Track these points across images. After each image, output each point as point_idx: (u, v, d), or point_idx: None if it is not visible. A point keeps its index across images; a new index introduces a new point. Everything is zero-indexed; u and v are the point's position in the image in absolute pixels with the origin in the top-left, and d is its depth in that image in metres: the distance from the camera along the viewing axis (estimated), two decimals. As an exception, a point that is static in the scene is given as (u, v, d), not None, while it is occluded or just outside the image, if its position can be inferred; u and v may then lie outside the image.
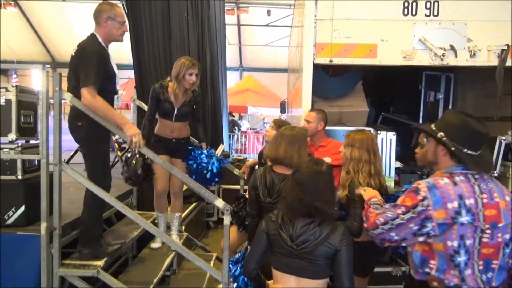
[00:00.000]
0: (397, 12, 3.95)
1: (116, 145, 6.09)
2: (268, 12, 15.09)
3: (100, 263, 2.75)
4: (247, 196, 2.88)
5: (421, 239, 1.75)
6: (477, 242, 1.71)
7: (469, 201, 1.70)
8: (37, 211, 2.82)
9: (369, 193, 2.14)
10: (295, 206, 1.95)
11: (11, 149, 2.78)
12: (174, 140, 3.61)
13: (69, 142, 3.00)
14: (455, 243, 1.69)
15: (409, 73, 4.53)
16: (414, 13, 3.94)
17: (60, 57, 20.41)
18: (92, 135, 2.70)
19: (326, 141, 3.56)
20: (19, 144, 2.82)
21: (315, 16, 3.98)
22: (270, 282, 2.08)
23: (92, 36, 2.79)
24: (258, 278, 2.07)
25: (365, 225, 1.92)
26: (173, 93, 3.52)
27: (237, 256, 2.62)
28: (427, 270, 1.76)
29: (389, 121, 5.76)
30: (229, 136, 11.76)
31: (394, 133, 4.10)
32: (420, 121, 6.45)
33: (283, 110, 11.74)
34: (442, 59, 3.90)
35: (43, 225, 2.58)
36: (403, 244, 1.87)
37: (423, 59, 3.95)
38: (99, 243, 2.87)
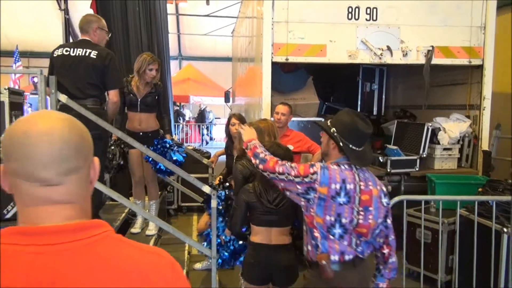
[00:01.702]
0: (343, 17, 4.53)
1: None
2: (207, 2, 15.24)
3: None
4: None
5: (302, 202, 2.06)
6: (354, 222, 1.99)
7: (350, 186, 1.98)
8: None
9: (247, 134, 2.45)
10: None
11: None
12: (141, 133, 3.86)
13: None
14: (332, 218, 1.98)
15: (348, 66, 5.12)
16: (357, 17, 4.54)
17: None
18: (101, 133, 2.99)
19: (289, 131, 4.05)
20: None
21: (272, 18, 4.44)
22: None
23: (93, 42, 3.05)
24: (243, 234, 2.63)
25: (261, 166, 2.15)
26: (135, 86, 3.81)
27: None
28: (314, 241, 2.05)
29: (332, 110, 6.43)
30: (174, 126, 11.95)
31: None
32: (358, 109, 7.24)
33: (227, 100, 12.13)
34: (380, 58, 4.55)
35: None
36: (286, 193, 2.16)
37: (365, 57, 4.58)
38: None
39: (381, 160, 4.69)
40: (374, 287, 2.16)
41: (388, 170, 4.58)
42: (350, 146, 2.02)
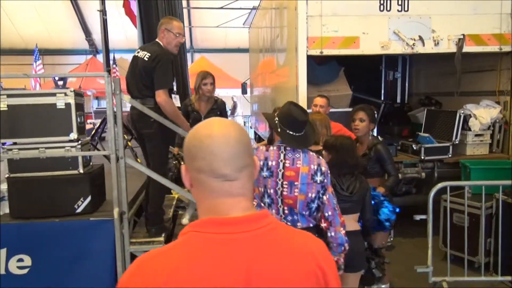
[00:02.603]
0: (375, 8, 4.63)
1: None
2: (220, -7, 15.25)
3: (162, 238, 3.24)
4: None
5: (258, 186, 2.36)
6: (278, 193, 2.31)
7: (271, 163, 2.32)
8: (97, 199, 3.24)
9: None
10: (342, 166, 2.65)
11: (72, 146, 3.13)
12: None
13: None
14: (262, 189, 2.35)
15: (370, 56, 5.20)
16: (388, 9, 4.64)
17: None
18: (160, 132, 3.13)
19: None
20: (80, 142, 3.17)
21: (307, 13, 4.55)
22: None
23: (159, 44, 3.20)
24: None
25: None
26: (197, 103, 4.05)
27: None
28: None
29: (356, 100, 6.54)
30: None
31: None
32: (382, 98, 7.35)
33: (244, 91, 12.24)
34: (412, 48, 4.65)
35: (116, 210, 3.00)
36: None
37: (397, 48, 4.68)
38: (163, 221, 3.35)
39: (414, 148, 4.82)
40: None
41: (422, 157, 4.71)
42: (287, 131, 2.35)
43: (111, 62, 16.15)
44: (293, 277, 0.94)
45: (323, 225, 2.36)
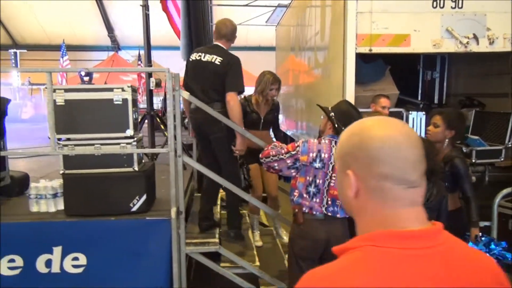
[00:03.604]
0: (427, 5, 4.45)
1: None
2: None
3: (217, 239, 3.15)
4: None
5: (293, 172, 2.60)
6: (326, 184, 2.50)
7: (324, 155, 2.51)
8: (152, 198, 3.15)
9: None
10: None
11: (127, 143, 3.05)
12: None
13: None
14: (310, 178, 2.53)
15: (407, 55, 5.05)
16: (441, 6, 4.46)
17: (22, 40, 19.42)
18: (229, 135, 3.16)
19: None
20: (135, 139, 3.09)
21: (356, 10, 4.40)
22: None
23: (223, 48, 3.19)
24: None
25: (261, 155, 2.72)
26: (257, 104, 3.99)
27: None
28: (292, 197, 2.61)
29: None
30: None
31: (424, 112, 4.68)
32: (419, 98, 7.15)
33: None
34: (466, 47, 4.47)
35: (173, 209, 2.92)
36: (280, 174, 2.78)
37: (449, 46, 4.49)
38: (241, 225, 3.33)
39: (464, 150, 4.64)
40: None
41: (473, 161, 4.52)
42: (343, 128, 2.48)
43: (137, 58, 16.12)
44: None
45: None
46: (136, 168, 3.08)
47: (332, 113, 2.61)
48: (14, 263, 2.88)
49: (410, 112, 4.66)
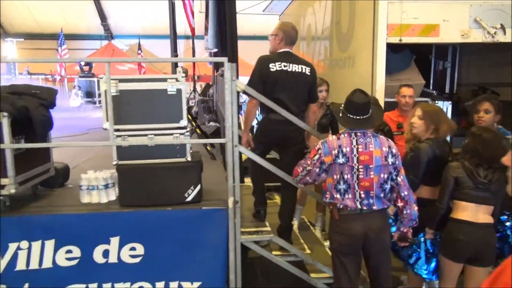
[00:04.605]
0: (456, -5, 4.51)
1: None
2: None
3: (268, 228, 3.19)
4: None
5: (324, 175, 2.56)
6: (355, 177, 2.47)
7: (346, 149, 2.48)
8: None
9: None
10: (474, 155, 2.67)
11: (180, 134, 3.05)
12: None
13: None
14: (338, 176, 2.50)
15: (419, 44, 5.13)
16: (470, -4, 4.52)
17: (12, 28, 18.92)
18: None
19: (414, 112, 4.11)
20: (188, 129, 3.08)
21: (387, -1, 4.43)
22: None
23: (299, 57, 3.29)
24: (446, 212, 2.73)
25: (292, 177, 2.77)
26: None
27: None
28: (324, 199, 2.63)
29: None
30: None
31: (450, 102, 4.76)
32: (430, 88, 7.25)
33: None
34: (493, 37, 4.55)
35: (231, 199, 2.93)
36: (316, 183, 2.77)
37: (477, 37, 4.56)
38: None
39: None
40: (396, 230, 2.68)
41: (498, 149, 4.63)
42: (348, 115, 2.53)
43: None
44: None
45: (400, 204, 2.54)
46: (189, 158, 3.08)
47: (342, 106, 2.60)
48: (71, 253, 2.88)
49: (436, 101, 4.73)
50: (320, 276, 3.22)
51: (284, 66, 3.15)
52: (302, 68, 3.19)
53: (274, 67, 3.13)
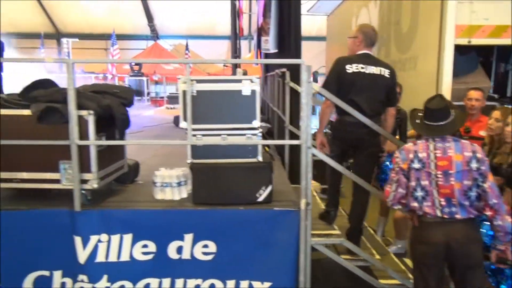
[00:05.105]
0: (529, -6, 4.31)
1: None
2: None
3: (338, 231, 3.17)
4: None
5: (411, 183, 2.48)
6: (434, 184, 2.38)
7: (422, 154, 2.44)
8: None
9: None
10: None
11: (253, 134, 3.08)
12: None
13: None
14: (414, 183, 2.45)
15: (480, 47, 4.94)
16: (544, -6, 4.31)
17: (64, 28, 19.79)
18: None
19: (482, 117, 3.96)
20: (261, 130, 3.11)
21: (457, -1, 4.29)
22: None
23: (378, 59, 3.30)
24: None
25: (385, 199, 2.65)
26: None
27: None
28: (395, 206, 2.61)
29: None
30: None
31: (514, 105, 4.55)
32: (491, 91, 6.96)
33: (315, 80, 12.09)
34: None
35: (303, 201, 2.93)
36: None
37: (550, 38, 4.36)
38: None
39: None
40: (492, 248, 2.47)
41: None
42: (425, 122, 2.49)
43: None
44: None
45: (488, 213, 2.38)
46: (261, 159, 3.11)
47: (420, 113, 2.56)
48: (147, 248, 2.97)
49: (505, 105, 4.52)
50: (389, 282, 3.16)
51: (362, 68, 3.12)
52: (380, 70, 3.15)
53: (351, 68, 3.11)
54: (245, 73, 5.33)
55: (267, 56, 6.08)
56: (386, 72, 3.18)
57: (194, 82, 2.99)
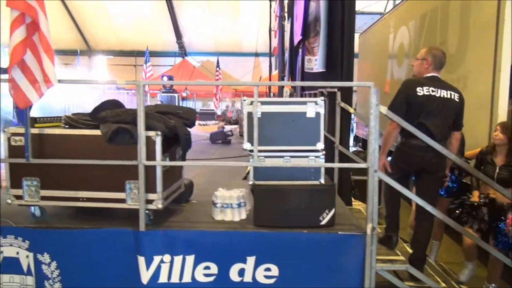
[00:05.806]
0: None
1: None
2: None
3: (402, 257, 3.09)
4: None
5: None
6: None
7: None
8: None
9: None
10: None
11: (316, 156, 3.05)
12: None
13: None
14: None
15: None
16: None
17: (96, 46, 20.33)
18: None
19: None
20: (323, 152, 3.08)
21: (511, 15, 4.19)
22: None
23: (447, 82, 3.28)
24: None
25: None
26: None
27: None
28: None
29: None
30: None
31: None
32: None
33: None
34: None
35: (369, 226, 2.87)
36: None
37: None
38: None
39: None
40: None
41: None
42: None
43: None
44: None
45: None
46: (323, 181, 3.07)
47: None
48: (209, 270, 2.94)
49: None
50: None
51: (432, 91, 3.07)
52: (450, 94, 3.10)
53: (422, 91, 3.07)
54: (291, 93, 5.36)
55: (307, 74, 6.08)
56: (455, 96, 3.13)
57: (259, 103, 2.99)
